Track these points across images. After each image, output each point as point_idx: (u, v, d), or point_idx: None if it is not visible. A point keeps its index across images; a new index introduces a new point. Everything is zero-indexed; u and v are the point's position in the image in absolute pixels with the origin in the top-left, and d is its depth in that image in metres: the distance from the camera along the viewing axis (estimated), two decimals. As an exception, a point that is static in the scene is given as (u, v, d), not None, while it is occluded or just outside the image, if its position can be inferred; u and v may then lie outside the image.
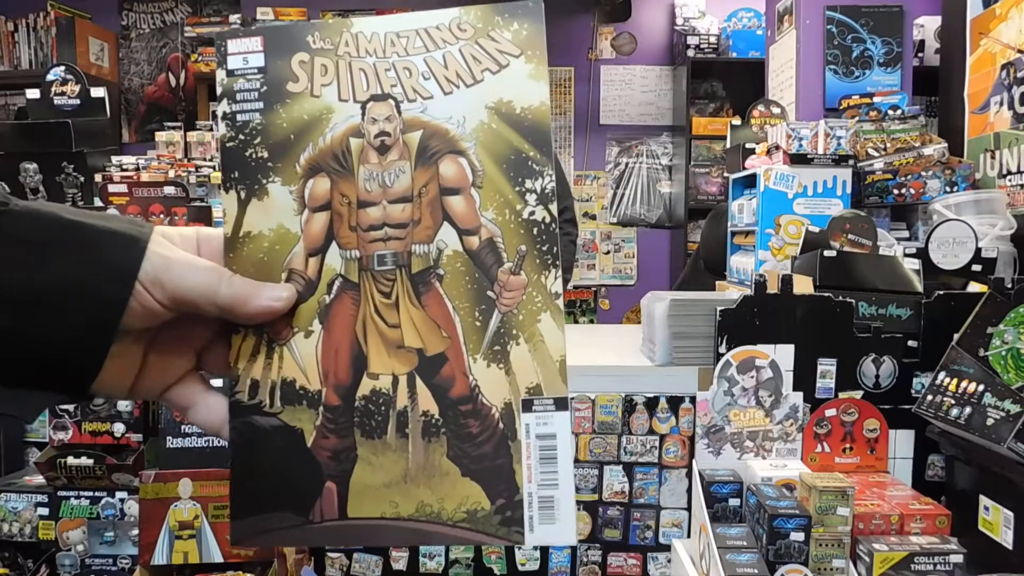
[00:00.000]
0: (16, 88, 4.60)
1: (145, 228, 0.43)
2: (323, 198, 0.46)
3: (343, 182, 0.46)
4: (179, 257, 0.43)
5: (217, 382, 0.48)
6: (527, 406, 0.44)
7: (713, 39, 4.73)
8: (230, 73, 0.46)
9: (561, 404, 0.44)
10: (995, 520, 1.26)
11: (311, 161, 0.46)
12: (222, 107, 0.46)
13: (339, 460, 0.45)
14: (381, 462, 0.45)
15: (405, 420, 0.45)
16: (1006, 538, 1.23)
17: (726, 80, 4.96)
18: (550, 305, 0.44)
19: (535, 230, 0.44)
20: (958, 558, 1.19)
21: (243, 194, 0.46)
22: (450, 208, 0.45)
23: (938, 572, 1.18)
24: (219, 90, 0.46)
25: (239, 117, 0.46)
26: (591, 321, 5.16)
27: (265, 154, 0.46)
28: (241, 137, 0.46)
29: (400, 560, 1.57)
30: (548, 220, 0.44)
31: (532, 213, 0.45)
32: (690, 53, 4.72)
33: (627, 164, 5.15)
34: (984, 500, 1.30)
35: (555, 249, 0.44)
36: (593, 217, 5.19)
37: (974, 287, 1.65)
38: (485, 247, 0.45)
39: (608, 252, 5.21)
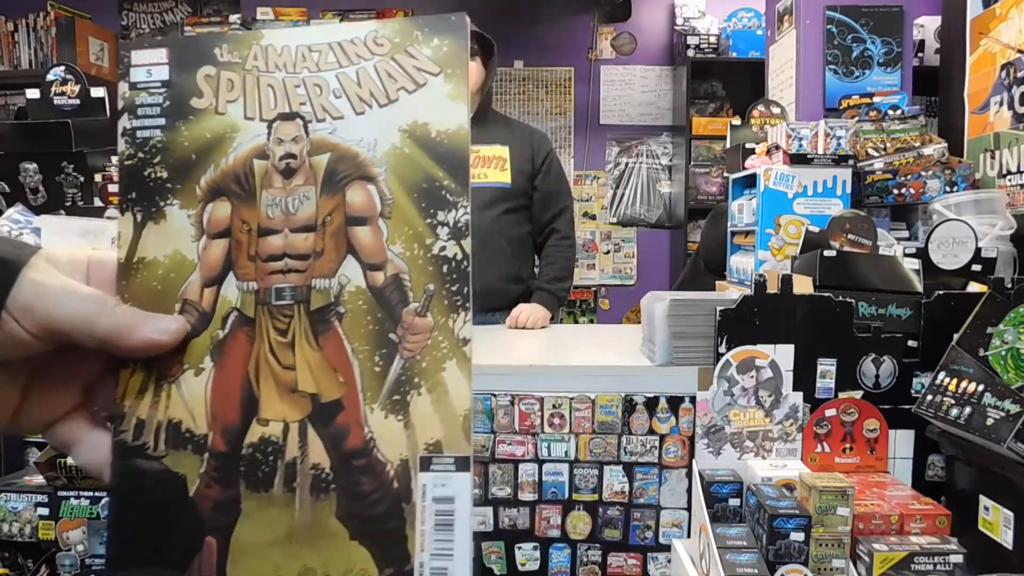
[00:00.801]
0: (16, 88, 4.60)
1: (25, 251, 0.40)
2: (222, 224, 0.43)
3: (244, 207, 0.43)
4: (56, 284, 0.40)
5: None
6: (425, 464, 0.40)
7: (713, 39, 4.73)
8: (132, 86, 0.44)
9: (462, 464, 0.40)
10: (995, 520, 1.26)
11: (212, 183, 0.43)
12: (122, 122, 0.44)
13: (221, 513, 0.41)
14: (265, 518, 0.41)
15: (293, 473, 0.41)
16: (1006, 538, 1.23)
17: (726, 80, 4.96)
18: (457, 352, 0.40)
19: (445, 267, 0.40)
20: (958, 558, 1.19)
21: (140, 216, 0.43)
22: (355, 239, 0.42)
23: (938, 572, 1.18)
24: (120, 104, 0.44)
25: (139, 134, 0.43)
26: (591, 321, 5.16)
27: (165, 174, 0.43)
28: (140, 155, 0.43)
29: (400, 560, 1.57)
30: (460, 257, 0.40)
31: (443, 248, 0.40)
32: (690, 53, 4.72)
33: (627, 164, 5.15)
34: (984, 500, 1.30)
35: (466, 290, 0.40)
36: (593, 217, 5.19)
37: (974, 287, 1.65)
38: (390, 284, 0.41)
39: (608, 252, 5.21)
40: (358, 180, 0.42)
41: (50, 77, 2.67)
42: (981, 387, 1.27)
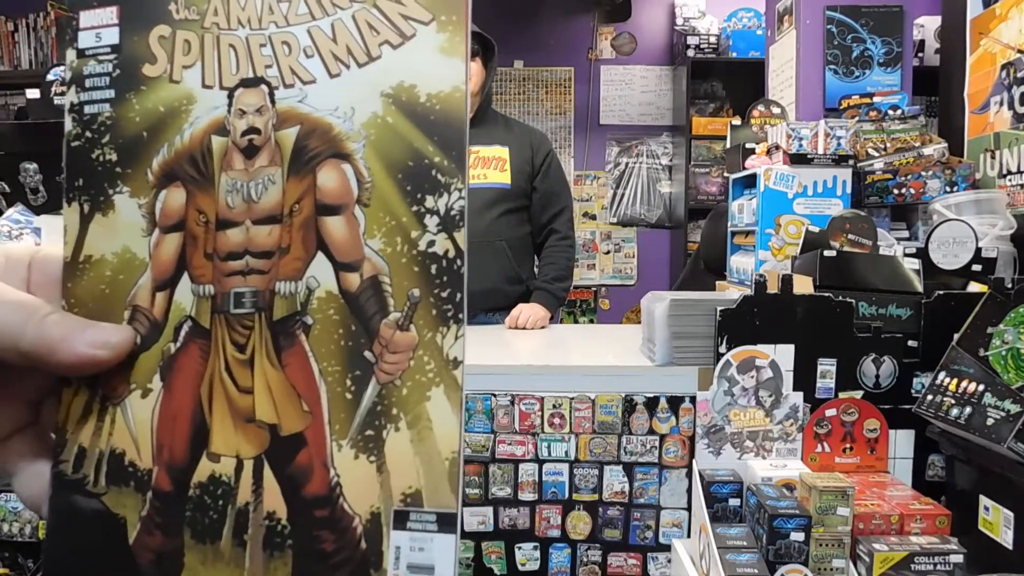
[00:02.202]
0: (16, 88, 4.60)
1: None
2: (176, 215, 0.36)
3: (201, 194, 0.36)
4: None
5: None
6: (400, 520, 0.32)
7: (713, 39, 4.73)
8: (80, 53, 0.37)
9: (447, 523, 0.32)
10: (995, 520, 1.26)
11: (165, 166, 0.36)
12: (69, 96, 0.37)
13: (162, 566, 0.35)
14: None
15: (245, 522, 0.34)
16: (1006, 538, 1.23)
17: (726, 80, 4.96)
18: (445, 376, 0.32)
19: (434, 267, 0.33)
20: (958, 558, 1.19)
21: (87, 207, 0.37)
22: (327, 233, 0.35)
23: (938, 572, 1.18)
24: (67, 75, 0.37)
25: (87, 109, 0.37)
26: (591, 321, 5.17)
27: (114, 156, 0.37)
28: (88, 134, 0.37)
29: (400, 560, 1.57)
30: (452, 255, 0.33)
31: (431, 243, 0.33)
32: (690, 53, 4.72)
33: (627, 164, 5.15)
34: (984, 500, 1.30)
35: (458, 297, 0.33)
36: (593, 217, 5.19)
37: (974, 287, 1.65)
38: (367, 289, 0.34)
39: (608, 252, 5.21)
40: (331, 159, 0.35)
41: (50, 77, 2.66)
42: (981, 387, 1.27)
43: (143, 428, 0.36)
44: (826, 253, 1.62)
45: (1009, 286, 1.31)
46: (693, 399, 1.47)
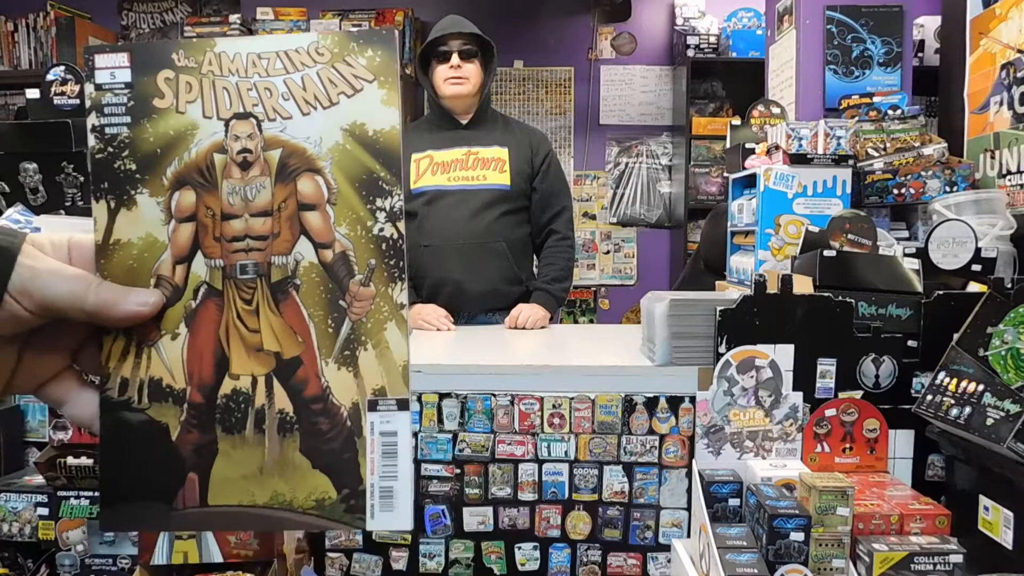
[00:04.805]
0: (16, 88, 4.60)
1: (16, 238, 0.45)
2: (189, 210, 0.48)
3: (208, 195, 0.48)
4: (46, 267, 0.45)
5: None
6: (372, 406, 0.47)
7: (713, 39, 4.73)
8: (98, 87, 0.48)
9: (403, 405, 0.47)
10: (995, 520, 1.26)
11: (177, 174, 0.48)
12: (91, 119, 0.48)
13: (201, 454, 0.48)
14: (240, 455, 0.48)
15: (262, 417, 0.48)
16: (1006, 538, 1.23)
17: (726, 80, 4.96)
18: (396, 315, 0.47)
19: (384, 245, 0.48)
20: (958, 558, 1.19)
21: (113, 204, 0.48)
22: (307, 223, 0.48)
23: (938, 572, 1.18)
24: (87, 103, 0.48)
25: (107, 130, 0.48)
26: (591, 321, 5.16)
27: (133, 167, 0.48)
28: (110, 149, 0.48)
29: (400, 560, 1.58)
30: (396, 237, 0.48)
31: (382, 230, 0.48)
32: (690, 53, 4.71)
33: (627, 164, 5.15)
34: (984, 500, 1.30)
35: (401, 263, 0.47)
36: (593, 217, 5.19)
37: (974, 287, 1.65)
38: (338, 260, 0.48)
39: (608, 252, 5.21)
40: (307, 172, 0.48)
41: (50, 77, 2.66)
42: (981, 387, 1.27)
43: (175, 361, 0.48)
44: (826, 253, 1.62)
45: (1009, 286, 1.31)
46: (693, 399, 1.47)
